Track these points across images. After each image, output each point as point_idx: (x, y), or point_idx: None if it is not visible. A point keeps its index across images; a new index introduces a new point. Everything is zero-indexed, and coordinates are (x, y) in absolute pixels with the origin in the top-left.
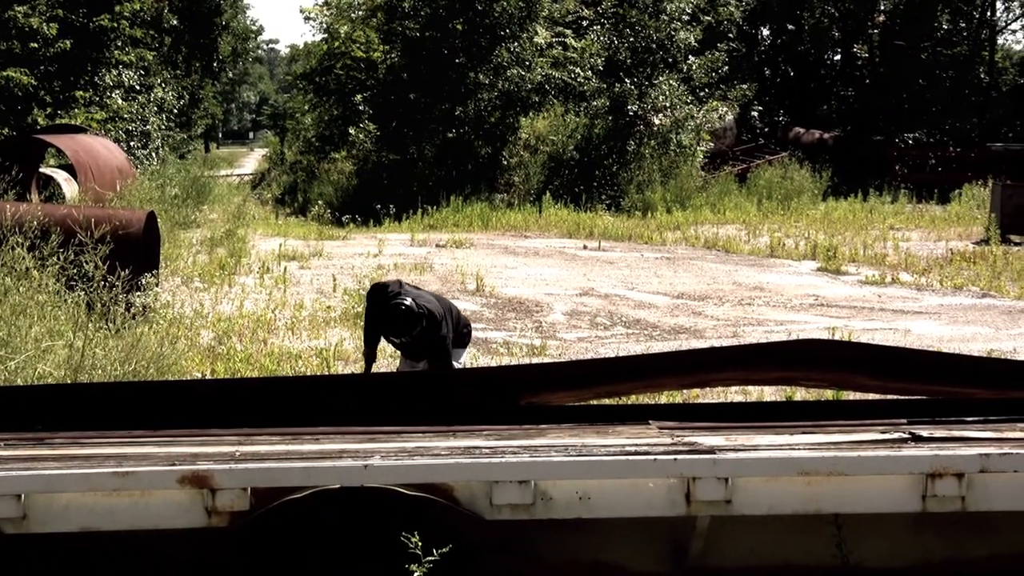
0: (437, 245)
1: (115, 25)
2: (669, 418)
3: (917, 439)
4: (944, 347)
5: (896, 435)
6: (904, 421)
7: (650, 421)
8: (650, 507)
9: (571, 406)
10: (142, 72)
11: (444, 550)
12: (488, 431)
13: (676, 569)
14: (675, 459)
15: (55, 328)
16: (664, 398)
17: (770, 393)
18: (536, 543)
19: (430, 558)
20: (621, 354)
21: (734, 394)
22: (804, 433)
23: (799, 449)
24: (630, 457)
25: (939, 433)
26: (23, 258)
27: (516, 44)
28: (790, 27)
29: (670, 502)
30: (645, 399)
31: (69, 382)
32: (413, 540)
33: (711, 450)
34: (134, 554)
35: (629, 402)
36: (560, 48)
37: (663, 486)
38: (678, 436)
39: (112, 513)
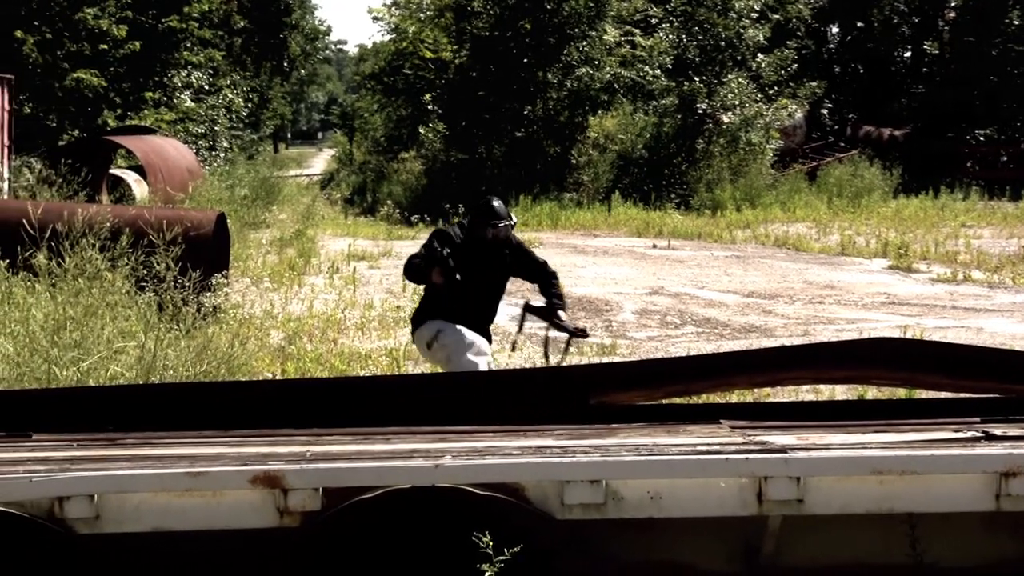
0: None
1: (184, 26)
2: (740, 417)
3: (990, 438)
4: (1017, 345)
5: (969, 434)
6: (977, 420)
7: (721, 420)
8: (722, 506)
9: (642, 405)
10: (211, 73)
11: (515, 550)
12: (559, 431)
13: (748, 568)
14: (747, 458)
15: (126, 329)
16: (736, 397)
17: (841, 392)
18: (608, 543)
19: (501, 558)
20: (691, 353)
21: (805, 393)
22: (876, 432)
23: (871, 448)
24: (701, 456)
25: (1013, 432)
26: (95, 259)
27: (585, 43)
28: (859, 24)
29: (742, 501)
30: (716, 398)
31: (141, 383)
32: (484, 540)
33: (783, 449)
34: (206, 554)
35: (700, 401)
36: (629, 47)
37: (734, 485)
38: (749, 435)
39: (184, 513)
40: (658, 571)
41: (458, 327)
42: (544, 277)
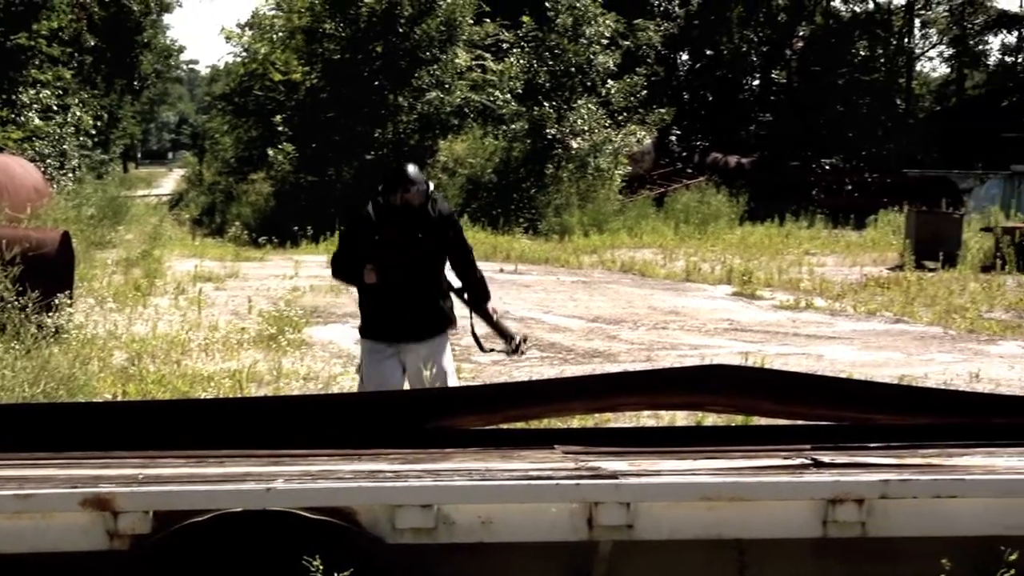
0: None
1: (32, 43)
2: (575, 442)
3: (819, 465)
4: (856, 372)
5: (798, 461)
6: (808, 447)
7: (555, 446)
8: (552, 532)
9: (478, 430)
10: (60, 92)
11: (345, 574)
12: (393, 455)
13: None
14: (577, 484)
15: None
16: (577, 422)
17: (682, 418)
18: (439, 567)
19: None
20: (535, 378)
21: (647, 418)
22: (708, 458)
23: (701, 474)
24: (532, 482)
25: (841, 459)
26: None
27: (436, 67)
28: (709, 52)
29: (572, 527)
30: (556, 423)
31: None
32: (315, 564)
33: (614, 475)
34: None
35: (536, 426)
36: (480, 71)
37: (565, 511)
38: (582, 461)
39: (13, 536)
40: None
41: (382, 365)
42: (463, 262)
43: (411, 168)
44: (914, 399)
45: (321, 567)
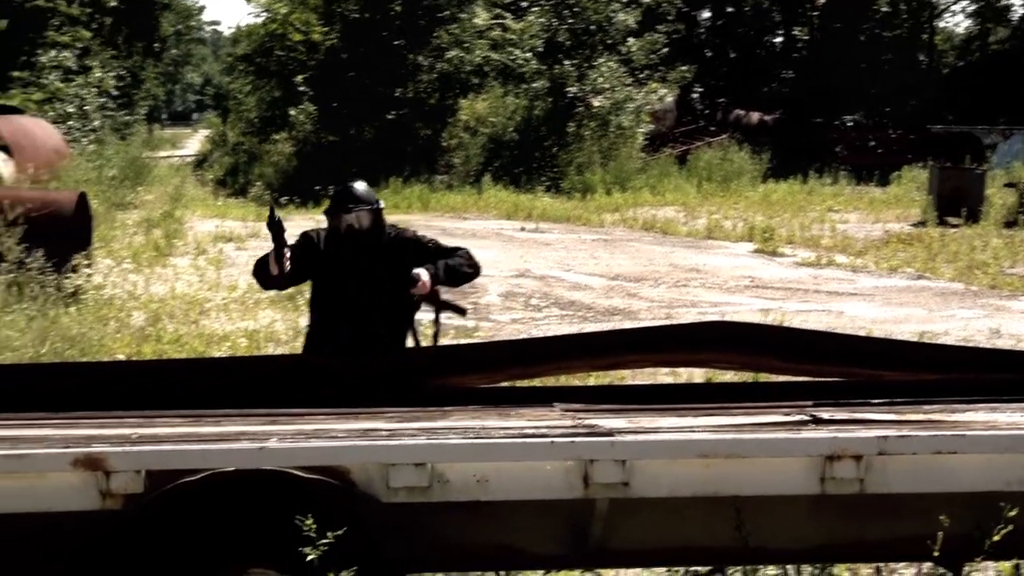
0: None
1: (52, 5)
2: (577, 400)
3: (818, 421)
4: (877, 329)
5: (798, 417)
6: (809, 403)
7: (555, 404)
8: (548, 490)
9: (478, 388)
10: (80, 53)
11: (339, 533)
12: (390, 413)
13: (576, 551)
14: (572, 441)
15: None
16: (592, 380)
17: (699, 375)
18: (435, 525)
19: (325, 541)
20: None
21: (664, 376)
22: (707, 415)
23: (699, 431)
24: (527, 439)
25: (841, 415)
26: None
27: (455, 26)
28: (730, 9)
29: (568, 484)
30: (562, 381)
31: None
32: (307, 523)
33: (610, 432)
34: (28, 537)
35: (538, 384)
36: (499, 30)
37: (561, 468)
38: (580, 418)
39: (7, 495)
40: (485, 553)
41: None
42: (448, 252)
43: (358, 185)
44: (921, 355)
45: (314, 526)
